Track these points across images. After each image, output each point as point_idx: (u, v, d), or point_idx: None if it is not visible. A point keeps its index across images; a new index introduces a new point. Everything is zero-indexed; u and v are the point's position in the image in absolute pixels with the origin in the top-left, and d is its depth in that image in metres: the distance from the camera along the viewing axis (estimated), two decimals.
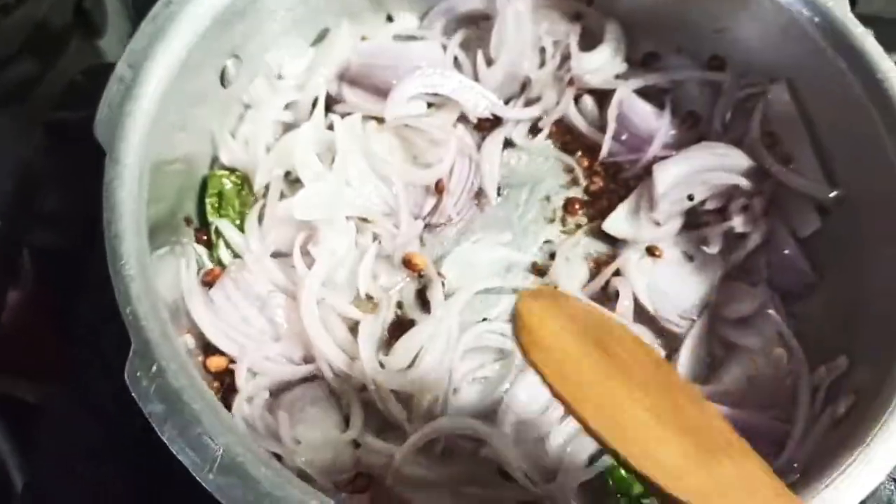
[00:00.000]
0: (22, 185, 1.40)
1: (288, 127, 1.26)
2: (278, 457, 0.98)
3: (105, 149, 0.97)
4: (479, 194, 1.29)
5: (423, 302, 1.19)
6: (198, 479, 0.80)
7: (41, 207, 1.42)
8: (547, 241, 1.27)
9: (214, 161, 1.22)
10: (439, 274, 1.20)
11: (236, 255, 1.17)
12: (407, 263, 1.21)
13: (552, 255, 1.25)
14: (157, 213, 1.05)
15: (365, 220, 1.17)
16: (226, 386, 1.09)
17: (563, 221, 1.29)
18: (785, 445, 1.03)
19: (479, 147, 1.30)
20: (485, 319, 1.18)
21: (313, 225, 1.14)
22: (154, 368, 0.85)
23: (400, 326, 1.16)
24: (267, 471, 0.81)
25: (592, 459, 1.05)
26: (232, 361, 1.09)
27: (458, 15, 1.37)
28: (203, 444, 0.82)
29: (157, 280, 0.99)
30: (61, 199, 1.44)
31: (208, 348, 1.09)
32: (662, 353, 1.16)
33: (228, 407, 1.04)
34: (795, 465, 1.00)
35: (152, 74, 1.02)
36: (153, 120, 1.02)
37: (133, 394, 0.84)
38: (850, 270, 1.15)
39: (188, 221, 1.16)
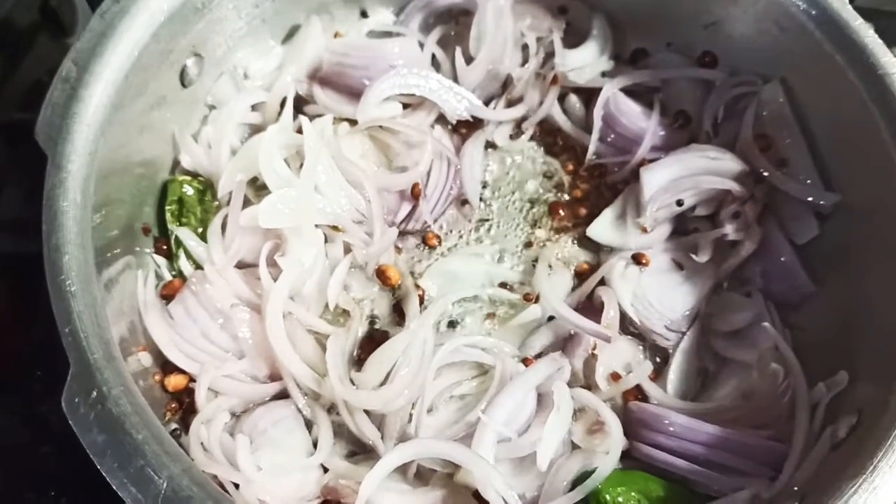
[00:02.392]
0: None
1: (255, 129, 1.20)
2: (237, 485, 0.91)
3: (47, 153, 0.90)
4: (459, 200, 1.22)
5: (400, 315, 1.13)
6: None
7: (1, 212, 1.35)
8: (530, 248, 1.20)
9: (176, 165, 1.15)
10: (417, 286, 1.13)
11: (198, 266, 1.10)
12: (380, 276, 1.14)
13: (535, 263, 1.18)
14: (112, 221, 0.99)
15: (335, 228, 1.11)
16: (185, 406, 1.02)
17: (547, 227, 1.22)
18: (782, 468, 0.96)
19: (458, 149, 1.23)
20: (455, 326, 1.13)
21: (280, 234, 1.08)
22: (94, 394, 0.79)
23: (372, 341, 1.09)
24: None
25: (575, 483, 0.98)
26: (192, 380, 1.02)
27: (436, 10, 1.30)
28: (145, 478, 0.75)
29: (110, 296, 0.93)
30: (23, 204, 1.38)
31: (167, 366, 1.02)
32: (650, 367, 1.09)
33: (186, 430, 0.97)
34: (795, 488, 0.93)
35: (101, 74, 0.95)
36: (104, 122, 0.95)
37: (70, 422, 0.77)
38: (851, 279, 1.08)
39: (146, 230, 1.09)
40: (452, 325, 1.13)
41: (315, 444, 1.01)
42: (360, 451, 1.03)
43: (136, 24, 0.99)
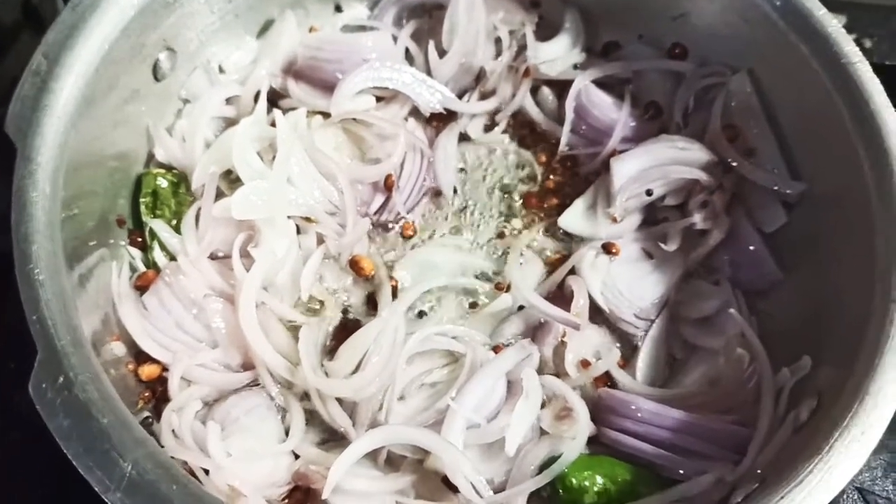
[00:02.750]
0: None
1: (229, 123, 1.21)
2: (207, 471, 0.92)
3: (17, 145, 0.91)
4: (433, 191, 1.23)
5: (373, 306, 1.14)
6: (105, 499, 0.75)
7: None
8: (502, 239, 1.21)
9: (150, 158, 1.16)
10: (391, 277, 1.14)
11: (172, 258, 1.11)
12: (354, 266, 1.15)
13: (508, 253, 1.19)
14: (86, 213, 1.01)
15: (308, 219, 1.12)
16: (158, 395, 1.03)
17: (520, 217, 1.23)
18: (746, 451, 0.98)
19: (431, 142, 1.25)
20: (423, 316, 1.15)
21: (253, 225, 1.09)
22: (61, 380, 0.80)
23: (346, 331, 1.11)
24: (178, 488, 0.76)
25: (542, 468, 0.99)
26: (165, 369, 1.03)
27: (409, 4, 1.32)
28: (111, 461, 0.77)
29: (83, 286, 0.94)
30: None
31: (140, 356, 1.04)
32: (618, 354, 1.11)
33: (160, 417, 0.99)
34: (758, 471, 0.94)
35: (71, 67, 0.97)
36: (74, 115, 0.96)
37: (37, 406, 0.78)
38: (819, 267, 1.10)
39: (121, 222, 1.11)
40: (421, 315, 1.14)
41: (287, 432, 1.02)
42: (332, 439, 1.04)
43: (106, 17, 1.00)
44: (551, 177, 1.27)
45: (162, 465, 0.78)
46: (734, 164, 1.17)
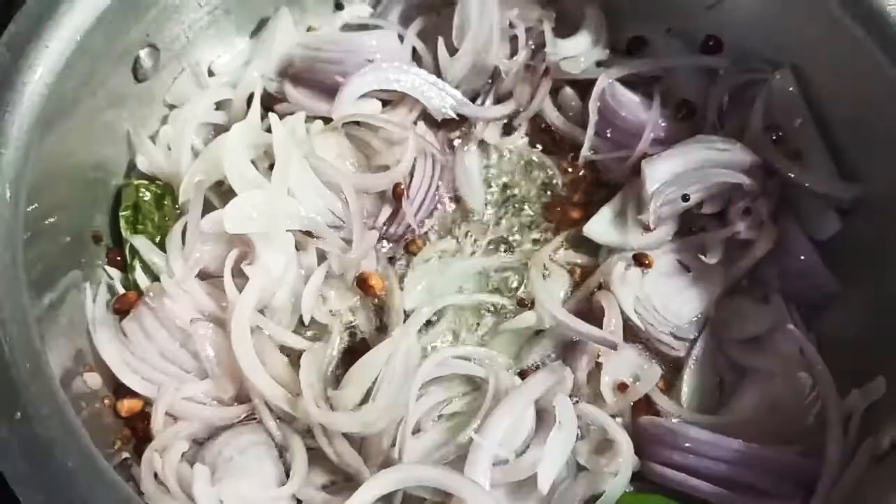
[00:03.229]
0: None
1: (219, 130, 1.10)
2: None
3: None
4: (450, 200, 1.14)
5: (383, 328, 1.03)
6: None
7: None
8: (523, 251, 1.10)
9: (131, 169, 1.05)
10: (401, 294, 1.03)
11: (155, 278, 0.99)
12: (362, 285, 1.03)
13: (529, 266, 1.07)
14: (58, 228, 0.90)
15: (309, 234, 1.00)
16: (139, 434, 0.91)
17: (542, 228, 1.12)
18: (815, 487, 0.85)
19: (443, 146, 1.15)
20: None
21: (247, 240, 0.97)
22: (17, 415, 0.67)
23: (353, 355, 0.98)
24: None
25: None
26: (148, 404, 0.91)
27: (416, 0, 1.21)
28: None
29: (58, 310, 0.84)
30: None
31: (119, 389, 0.92)
32: (659, 372, 0.99)
33: (139, 460, 0.86)
34: None
35: (37, 60, 0.85)
36: (42, 116, 0.85)
37: None
38: (879, 276, 0.98)
39: (97, 239, 0.99)
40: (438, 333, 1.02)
41: (288, 474, 0.89)
42: (341, 480, 0.91)
43: (79, 7, 0.89)
44: (575, 183, 1.16)
45: None
46: (779, 167, 1.05)
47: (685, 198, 1.06)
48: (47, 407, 0.69)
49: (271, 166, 1.02)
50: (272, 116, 1.05)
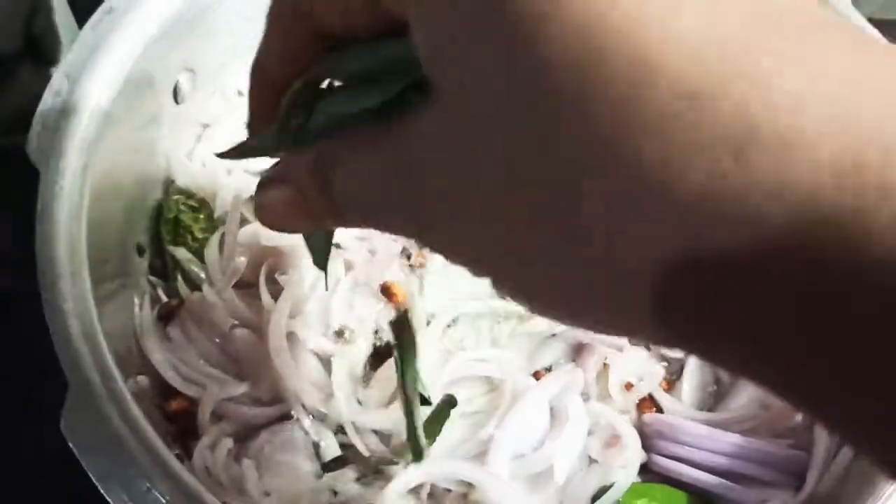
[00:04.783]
0: None
1: None
2: None
3: (39, 169, 0.86)
4: None
5: None
6: None
7: None
8: None
9: (170, 184, 1.11)
10: (421, 300, 1.10)
11: (195, 287, 1.06)
12: (386, 292, 1.10)
13: None
14: (104, 242, 0.95)
15: (337, 245, 1.07)
16: (184, 431, 0.97)
17: None
18: (805, 477, 0.94)
19: None
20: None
21: (280, 252, 1.04)
22: (96, 416, 0.74)
23: (381, 358, 1.06)
24: None
25: (594, 498, 0.95)
26: (192, 404, 0.98)
27: None
28: (152, 502, 0.71)
29: (105, 316, 0.89)
30: (10, 236, 1.34)
31: (166, 390, 0.98)
32: (662, 372, 1.07)
33: (188, 455, 0.93)
34: (823, 497, 0.90)
35: (93, 88, 0.92)
36: (95, 138, 0.91)
37: (71, 444, 0.73)
38: None
39: (140, 251, 1.06)
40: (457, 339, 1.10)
41: (323, 467, 0.97)
42: (371, 473, 0.98)
43: (128, 36, 0.96)
44: None
45: None
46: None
47: None
48: (119, 408, 0.76)
49: None
50: None
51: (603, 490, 0.95)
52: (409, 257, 1.14)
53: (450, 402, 0.95)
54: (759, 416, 1.02)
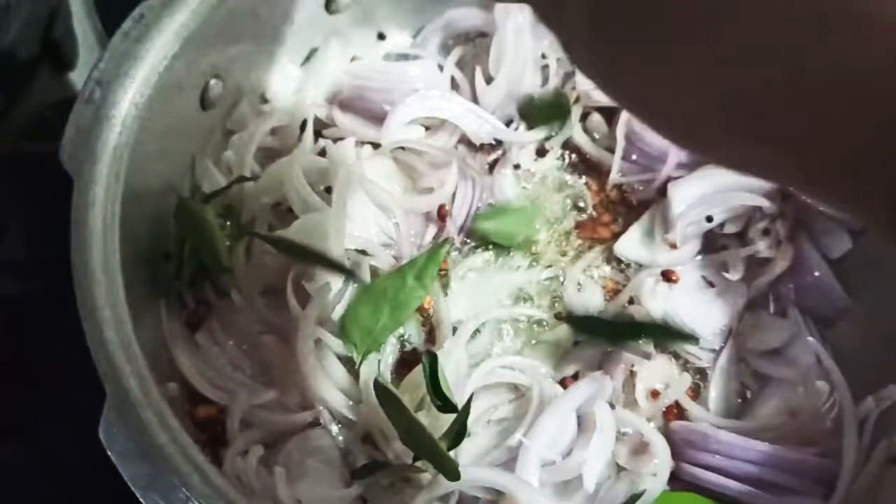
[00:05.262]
0: None
1: (273, 153, 1.17)
2: None
3: (72, 176, 0.87)
4: None
5: (432, 339, 1.10)
6: None
7: (4, 252, 1.32)
8: (557, 267, 1.17)
9: (195, 191, 1.11)
10: (446, 307, 1.10)
11: (223, 294, 1.06)
12: None
13: (563, 281, 1.15)
14: (134, 249, 0.95)
15: (363, 252, 1.08)
16: (213, 438, 0.97)
17: (574, 246, 1.19)
18: (835, 485, 0.94)
19: (481, 168, 1.21)
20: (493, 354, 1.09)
21: None
22: (134, 424, 0.74)
23: (405, 365, 1.06)
24: None
25: None
26: (221, 411, 0.98)
27: (454, 32, 1.29)
28: None
29: (135, 323, 0.89)
30: (26, 243, 1.35)
31: (194, 397, 0.99)
32: (689, 380, 1.07)
33: (218, 462, 0.93)
34: None
35: (125, 95, 0.93)
36: (127, 144, 0.92)
37: (109, 453, 0.73)
38: (885, 291, 1.07)
39: (167, 257, 1.06)
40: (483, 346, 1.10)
41: (352, 474, 0.97)
42: (399, 481, 0.98)
43: (159, 43, 0.96)
44: (604, 203, 1.23)
45: None
46: (796, 191, 1.14)
47: (709, 219, 1.14)
48: (157, 416, 0.76)
49: (326, 189, 1.10)
50: (327, 142, 1.12)
51: (633, 498, 0.94)
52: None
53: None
54: (787, 423, 1.02)
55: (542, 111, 1.25)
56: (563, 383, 1.06)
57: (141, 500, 0.71)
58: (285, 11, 1.14)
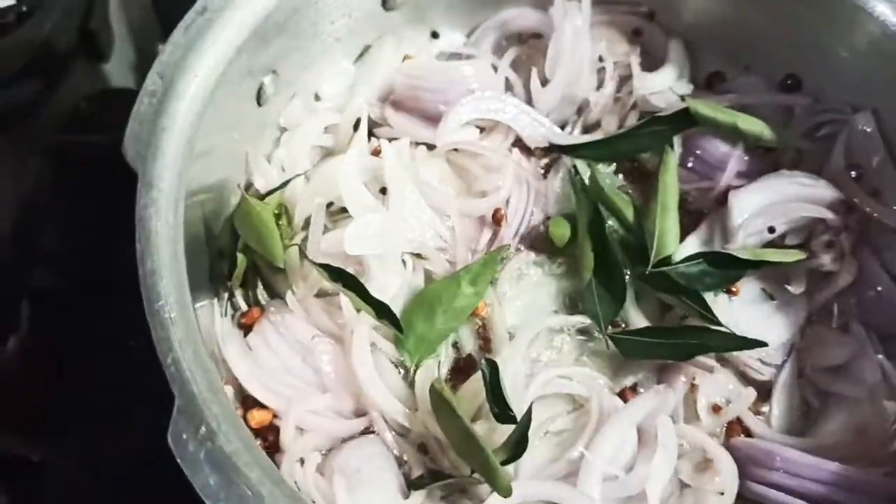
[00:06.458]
0: (21, 219, 1.28)
1: (325, 152, 1.15)
2: None
3: (136, 170, 0.84)
4: (542, 225, 1.17)
5: (486, 342, 1.07)
6: None
7: (40, 245, 1.29)
8: None
9: (248, 188, 1.09)
10: (501, 314, 1.07)
11: (275, 295, 1.03)
12: None
13: None
14: (192, 248, 0.93)
15: (419, 255, 1.05)
16: (268, 444, 0.95)
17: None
18: None
19: (535, 172, 1.18)
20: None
21: (362, 261, 1.02)
22: (203, 430, 0.72)
23: (462, 372, 1.03)
24: None
25: None
26: (275, 416, 0.96)
27: (508, 32, 1.27)
28: None
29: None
30: (61, 235, 1.33)
31: (248, 401, 0.96)
32: (753, 394, 1.04)
33: None
34: None
35: (187, 89, 0.90)
36: (188, 140, 0.89)
37: (179, 460, 0.70)
38: None
39: (221, 256, 1.03)
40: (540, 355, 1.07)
41: (408, 483, 0.94)
42: (455, 493, 0.96)
43: (221, 38, 0.94)
44: None
45: None
46: (859, 203, 1.11)
47: (771, 230, 1.11)
48: (226, 422, 0.73)
49: (381, 190, 1.07)
50: (383, 142, 1.09)
51: None
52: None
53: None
54: (854, 442, 0.99)
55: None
56: (623, 394, 1.03)
57: None
58: (346, 3, 1.11)
